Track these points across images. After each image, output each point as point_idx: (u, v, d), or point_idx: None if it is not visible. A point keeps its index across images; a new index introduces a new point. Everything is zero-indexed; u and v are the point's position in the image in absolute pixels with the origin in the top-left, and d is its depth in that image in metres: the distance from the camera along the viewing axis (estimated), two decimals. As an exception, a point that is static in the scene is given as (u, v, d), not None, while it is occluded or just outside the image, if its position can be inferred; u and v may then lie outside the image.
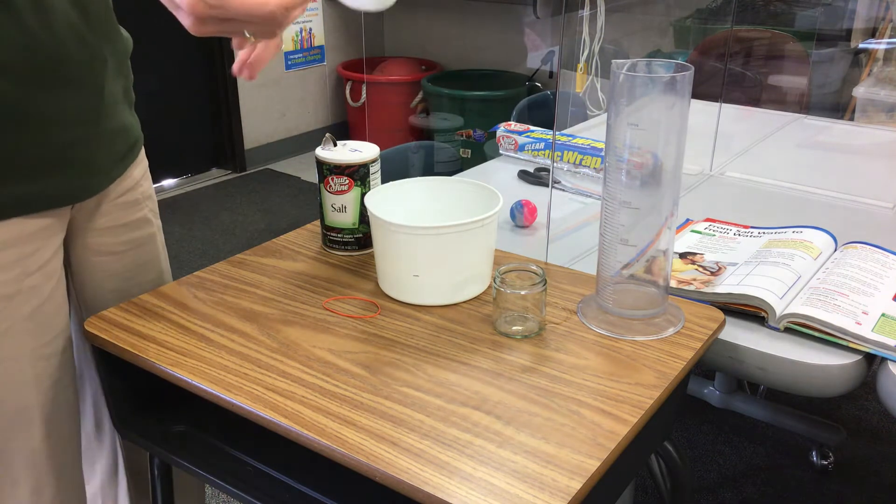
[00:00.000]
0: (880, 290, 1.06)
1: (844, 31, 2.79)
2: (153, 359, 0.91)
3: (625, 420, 0.80)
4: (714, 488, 1.88)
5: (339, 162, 1.12)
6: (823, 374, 0.95)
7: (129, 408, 1.03)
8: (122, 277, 1.07)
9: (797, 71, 2.77)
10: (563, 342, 0.94)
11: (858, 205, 1.45)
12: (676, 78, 0.88)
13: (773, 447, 2.02)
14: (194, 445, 0.99)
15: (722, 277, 1.10)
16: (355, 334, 0.96)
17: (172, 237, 3.27)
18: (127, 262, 1.07)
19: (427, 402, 0.83)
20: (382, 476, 0.74)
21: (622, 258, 0.95)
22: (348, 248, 1.16)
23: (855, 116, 2.48)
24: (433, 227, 0.98)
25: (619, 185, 0.93)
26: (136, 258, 1.09)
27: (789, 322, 1.00)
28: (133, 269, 1.08)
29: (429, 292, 1.02)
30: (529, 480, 0.72)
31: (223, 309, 1.01)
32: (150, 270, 1.11)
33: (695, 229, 1.29)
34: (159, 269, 1.13)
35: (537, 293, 0.95)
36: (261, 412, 0.82)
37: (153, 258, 1.12)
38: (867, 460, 1.96)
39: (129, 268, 1.08)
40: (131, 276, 1.08)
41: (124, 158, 1.02)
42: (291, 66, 4.10)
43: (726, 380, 1.75)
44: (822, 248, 1.16)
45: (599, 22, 2.70)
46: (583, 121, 2.06)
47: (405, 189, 1.13)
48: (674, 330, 0.96)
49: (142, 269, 1.10)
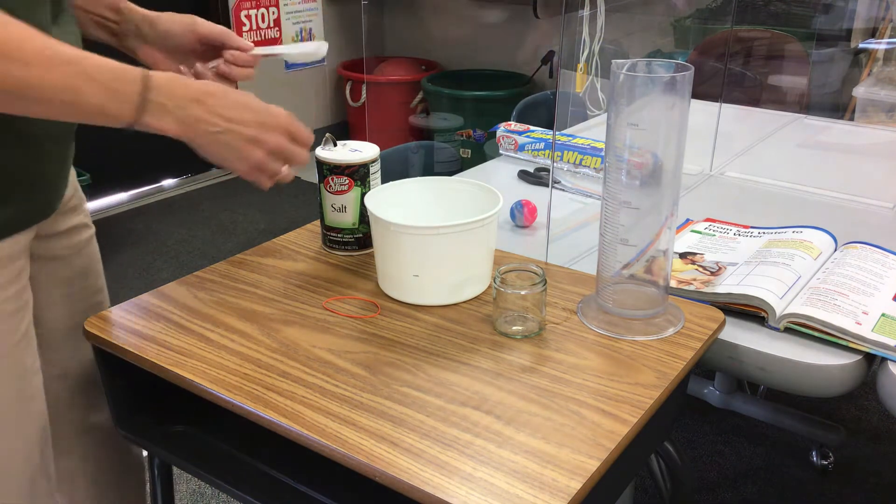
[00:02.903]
0: (880, 290, 1.06)
1: (844, 31, 2.79)
2: (153, 359, 0.91)
3: (625, 420, 0.80)
4: (714, 488, 1.88)
5: (338, 162, 1.12)
6: (823, 374, 0.95)
7: (129, 408, 1.03)
8: (69, 283, 1.06)
9: (797, 71, 2.77)
10: (563, 342, 0.94)
11: (858, 205, 1.45)
12: (676, 78, 0.88)
13: (773, 447, 2.02)
14: (194, 445, 0.99)
15: (722, 277, 1.10)
16: (355, 334, 0.96)
17: (172, 237, 3.27)
18: (74, 267, 1.06)
19: (427, 402, 0.83)
20: (382, 476, 0.74)
21: (622, 258, 0.95)
22: (348, 248, 1.16)
23: (855, 116, 2.48)
24: (433, 227, 0.98)
25: (619, 185, 0.93)
26: (81, 262, 1.08)
27: (789, 322, 1.00)
28: (79, 273, 1.07)
29: (429, 292, 1.02)
30: (529, 480, 0.72)
31: (223, 309, 1.01)
32: (93, 273, 1.10)
33: (695, 229, 1.29)
34: (98, 270, 1.12)
35: (537, 293, 0.95)
36: (261, 412, 0.82)
37: (94, 261, 1.11)
38: (867, 460, 1.96)
39: (76, 272, 1.07)
40: (77, 281, 1.07)
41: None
42: (291, 66, 4.10)
43: (726, 380, 1.75)
44: (822, 248, 1.16)
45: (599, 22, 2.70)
46: (583, 121, 2.06)
47: (405, 189, 1.13)
48: (674, 330, 0.96)
49: (86, 272, 1.09)
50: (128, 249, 3.15)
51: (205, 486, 1.89)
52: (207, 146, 0.87)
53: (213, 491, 1.87)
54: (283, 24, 4.00)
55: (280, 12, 3.98)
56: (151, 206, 3.61)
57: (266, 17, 3.92)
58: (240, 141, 0.88)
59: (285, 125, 0.91)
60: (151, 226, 3.38)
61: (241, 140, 0.88)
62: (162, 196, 3.73)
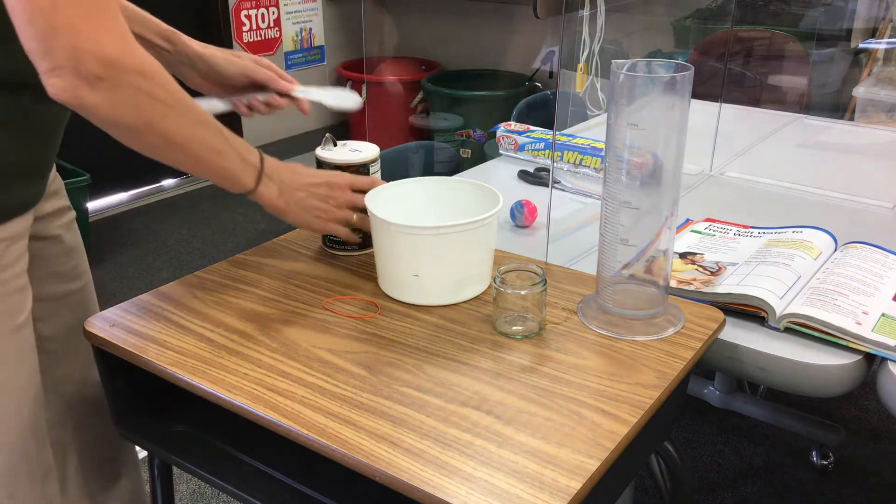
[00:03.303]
0: (880, 290, 1.06)
1: (844, 31, 2.79)
2: (153, 359, 0.91)
3: (625, 420, 0.80)
4: (714, 488, 1.88)
5: (338, 162, 1.12)
6: (823, 374, 0.95)
7: (129, 408, 1.03)
8: (56, 261, 1.10)
9: (797, 71, 2.77)
10: (563, 342, 0.94)
11: (858, 205, 1.45)
12: (676, 78, 0.88)
13: (773, 447, 2.01)
14: (194, 445, 0.99)
15: (722, 277, 1.10)
16: (355, 334, 0.96)
17: (172, 237, 3.27)
18: (60, 246, 1.10)
19: (427, 402, 0.83)
20: (382, 476, 0.74)
21: (622, 258, 0.95)
22: (348, 248, 1.16)
23: (855, 116, 2.48)
24: (433, 227, 0.98)
25: (619, 185, 0.93)
26: (66, 241, 1.11)
27: (789, 322, 1.00)
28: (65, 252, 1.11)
29: (429, 292, 1.02)
30: (529, 480, 0.72)
31: (223, 309, 1.01)
32: (77, 253, 1.14)
33: (695, 229, 1.29)
34: (82, 251, 1.16)
35: (537, 293, 0.95)
36: (261, 412, 0.82)
37: (77, 241, 1.15)
38: (867, 460, 1.96)
39: (62, 251, 1.11)
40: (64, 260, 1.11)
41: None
42: (291, 66, 4.10)
43: (726, 380, 1.75)
44: (822, 248, 1.16)
45: (599, 22, 2.70)
46: (583, 121, 2.06)
47: (405, 189, 1.13)
48: (674, 330, 0.96)
49: (70, 251, 1.12)
50: (128, 249, 3.15)
51: (205, 486, 1.89)
52: (296, 212, 1.03)
53: (213, 491, 1.87)
54: (283, 24, 4.01)
55: (280, 12, 3.98)
56: (151, 206, 3.61)
57: (266, 16, 3.92)
58: (315, 200, 1.05)
59: (348, 180, 1.08)
60: (151, 226, 3.38)
61: (316, 199, 1.05)
62: (162, 196, 3.73)
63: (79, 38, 0.77)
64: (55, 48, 0.76)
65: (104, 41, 0.78)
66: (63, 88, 0.78)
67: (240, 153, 0.95)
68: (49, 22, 0.75)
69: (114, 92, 0.80)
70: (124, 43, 0.81)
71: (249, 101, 1.16)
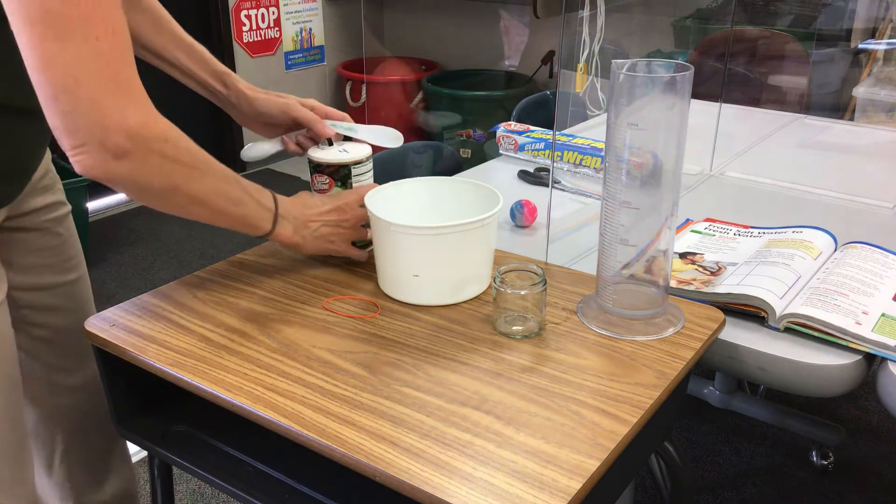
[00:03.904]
0: (880, 290, 1.06)
1: (844, 31, 2.79)
2: (153, 359, 0.91)
3: (625, 420, 0.80)
4: (714, 488, 1.88)
5: (320, 160, 1.12)
6: (823, 374, 0.95)
7: (129, 408, 1.03)
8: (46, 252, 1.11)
9: (797, 71, 2.77)
10: (563, 342, 0.94)
11: (858, 205, 1.45)
12: (676, 78, 0.88)
13: (773, 447, 2.02)
14: (194, 445, 0.99)
15: (722, 277, 1.10)
16: (355, 334, 0.96)
17: (172, 237, 3.27)
18: (49, 238, 1.11)
19: (427, 402, 0.83)
20: (382, 476, 0.74)
21: (622, 258, 0.95)
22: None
23: (855, 116, 2.48)
24: (433, 227, 0.98)
25: (619, 185, 0.93)
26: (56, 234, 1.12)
27: (789, 322, 1.00)
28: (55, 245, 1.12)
29: (429, 292, 1.02)
30: (529, 480, 0.72)
31: (223, 309, 1.01)
32: (69, 245, 1.15)
33: (695, 229, 1.29)
34: (75, 244, 1.17)
35: (537, 293, 0.95)
36: (261, 412, 0.82)
37: (71, 234, 1.16)
38: (867, 460, 1.96)
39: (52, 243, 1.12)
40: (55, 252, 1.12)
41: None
42: (291, 66, 4.10)
43: (726, 380, 1.75)
44: (822, 248, 1.16)
45: (599, 22, 2.70)
46: (583, 121, 2.06)
47: (405, 189, 1.13)
48: (674, 330, 0.96)
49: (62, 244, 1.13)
50: (128, 249, 3.15)
51: (205, 486, 1.89)
52: (311, 243, 1.05)
53: (213, 491, 1.87)
54: (283, 24, 4.01)
55: (280, 12, 3.98)
56: (151, 206, 3.61)
57: (266, 17, 3.93)
58: (327, 228, 1.06)
59: (354, 197, 1.08)
60: (151, 226, 3.38)
61: (328, 227, 1.06)
62: (162, 196, 3.72)
63: (103, 113, 0.78)
64: (81, 126, 0.78)
65: (128, 114, 0.80)
66: (91, 165, 0.79)
67: (256, 199, 0.98)
68: (74, 99, 0.76)
69: (142, 162, 0.82)
70: (147, 113, 0.82)
71: (297, 138, 1.19)
